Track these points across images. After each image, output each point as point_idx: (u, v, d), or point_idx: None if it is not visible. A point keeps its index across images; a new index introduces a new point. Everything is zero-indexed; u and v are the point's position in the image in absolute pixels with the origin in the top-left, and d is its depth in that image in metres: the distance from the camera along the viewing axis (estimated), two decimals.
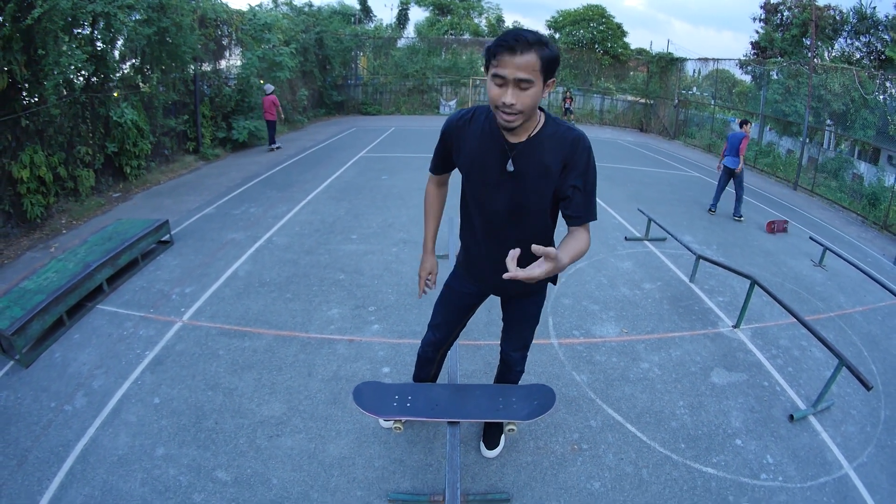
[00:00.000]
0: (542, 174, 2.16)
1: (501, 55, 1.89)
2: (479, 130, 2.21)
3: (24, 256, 6.45)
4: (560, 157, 2.13)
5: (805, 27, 17.19)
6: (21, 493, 3.03)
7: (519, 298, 2.65)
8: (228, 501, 3.01)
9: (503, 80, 1.92)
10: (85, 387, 3.98)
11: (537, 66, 1.89)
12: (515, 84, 1.91)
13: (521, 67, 1.88)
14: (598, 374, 4.39)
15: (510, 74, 1.90)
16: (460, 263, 2.72)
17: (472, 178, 2.31)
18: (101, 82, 8.77)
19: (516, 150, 2.15)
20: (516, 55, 1.87)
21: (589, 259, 6.78)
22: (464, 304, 2.81)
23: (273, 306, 5.26)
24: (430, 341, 2.97)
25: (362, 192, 8.98)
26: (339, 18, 22.34)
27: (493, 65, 1.93)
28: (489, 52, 1.94)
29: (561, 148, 2.13)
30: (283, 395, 3.95)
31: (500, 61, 1.90)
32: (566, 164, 2.14)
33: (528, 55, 1.87)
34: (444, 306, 2.85)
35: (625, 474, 3.37)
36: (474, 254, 2.54)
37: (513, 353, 2.89)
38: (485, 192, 2.28)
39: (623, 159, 14.95)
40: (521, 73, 1.88)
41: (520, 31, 1.88)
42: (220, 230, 7.28)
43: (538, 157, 2.15)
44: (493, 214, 2.31)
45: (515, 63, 1.88)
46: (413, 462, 3.35)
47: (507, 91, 1.93)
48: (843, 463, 3.61)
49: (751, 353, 4.87)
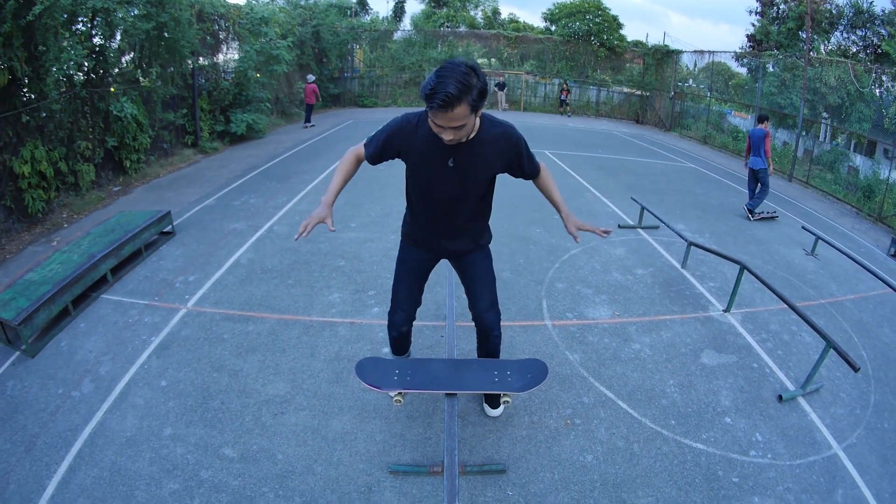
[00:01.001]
0: (481, 169, 2.62)
1: (435, 113, 2.20)
2: (426, 134, 2.50)
3: (25, 251, 6.52)
4: (503, 157, 2.63)
5: (801, 20, 17.26)
6: (29, 478, 3.11)
7: (471, 255, 3.06)
8: (235, 476, 3.14)
9: (441, 127, 2.27)
10: (92, 373, 4.07)
11: (467, 112, 2.22)
12: (452, 129, 2.26)
13: (454, 119, 2.21)
14: (591, 354, 4.53)
15: (446, 124, 2.24)
16: (408, 240, 3.11)
17: (421, 172, 2.67)
18: (100, 77, 8.81)
19: (457, 150, 2.50)
20: (448, 112, 2.17)
21: (582, 245, 6.92)
22: (421, 269, 3.16)
23: (275, 292, 5.37)
24: (401, 319, 3.21)
25: (360, 183, 9.05)
26: (335, 11, 22.27)
27: (430, 115, 2.25)
28: (428, 107, 2.22)
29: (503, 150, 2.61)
30: (287, 376, 4.07)
31: (435, 115, 2.21)
32: (511, 156, 2.64)
33: (459, 108, 2.17)
34: (403, 281, 3.16)
35: (616, 448, 3.50)
36: (425, 229, 2.95)
37: (486, 313, 3.11)
38: (432, 183, 2.67)
39: (618, 150, 15.06)
40: (456, 122, 2.23)
41: (446, 89, 2.12)
42: (221, 220, 7.38)
43: (477, 156, 2.55)
44: (440, 199, 2.72)
45: (448, 117, 2.20)
46: (413, 436, 3.49)
47: (445, 132, 2.29)
48: (832, 443, 3.71)
49: (741, 336, 5.00)
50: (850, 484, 3.38)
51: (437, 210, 2.80)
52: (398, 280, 3.18)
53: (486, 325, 3.14)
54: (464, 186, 2.66)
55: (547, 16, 26.36)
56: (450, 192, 2.67)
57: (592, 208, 8.73)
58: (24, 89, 7.07)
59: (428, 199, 2.76)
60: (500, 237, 3.03)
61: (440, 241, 2.97)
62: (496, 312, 3.16)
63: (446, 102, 2.13)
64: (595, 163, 12.63)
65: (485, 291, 3.10)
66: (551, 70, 24.78)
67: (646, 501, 3.11)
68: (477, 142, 2.52)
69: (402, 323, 3.22)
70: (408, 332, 3.35)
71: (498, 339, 3.24)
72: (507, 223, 7.43)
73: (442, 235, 2.93)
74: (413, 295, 3.20)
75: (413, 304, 3.22)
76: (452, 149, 2.49)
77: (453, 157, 2.53)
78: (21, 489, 3.04)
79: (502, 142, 2.59)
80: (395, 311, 3.20)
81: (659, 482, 3.26)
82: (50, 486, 3.07)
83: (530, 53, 25.41)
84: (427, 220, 2.90)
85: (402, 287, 3.17)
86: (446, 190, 2.66)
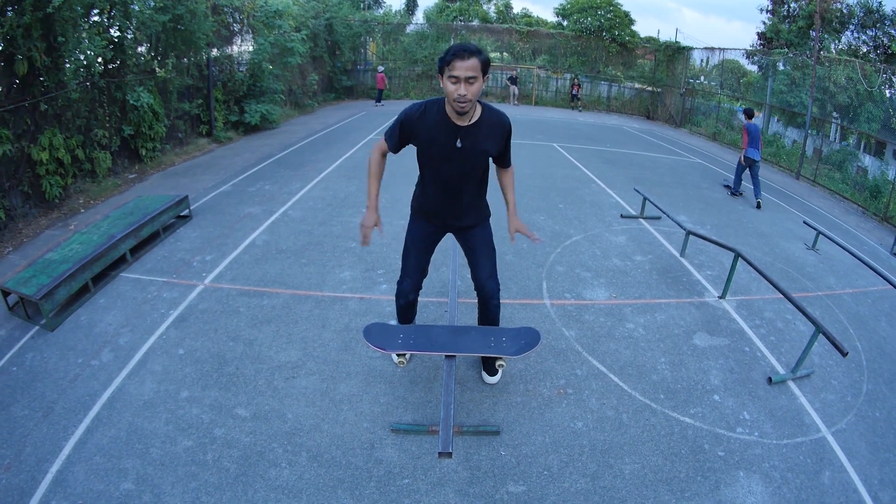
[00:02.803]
0: (482, 150, 3.03)
1: (454, 62, 2.67)
2: (433, 120, 2.95)
3: (42, 234, 6.72)
4: (499, 136, 3.05)
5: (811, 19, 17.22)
6: (46, 440, 3.30)
7: (472, 228, 3.41)
8: (247, 434, 3.38)
9: (457, 78, 2.69)
10: (111, 343, 4.29)
11: (479, 67, 2.70)
12: (466, 80, 2.69)
13: (469, 68, 2.67)
14: (586, 331, 4.73)
15: (462, 74, 2.67)
16: (418, 213, 3.46)
17: (430, 153, 3.07)
18: (118, 68, 9.02)
19: (463, 131, 2.94)
20: (465, 60, 2.66)
21: (584, 233, 7.11)
22: (428, 240, 3.50)
23: (289, 270, 5.61)
24: (410, 287, 3.55)
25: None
26: (348, 4, 22.45)
27: (448, 69, 2.70)
28: (443, 62, 2.73)
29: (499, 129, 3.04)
30: (299, 344, 4.32)
31: (453, 66, 2.68)
32: (504, 139, 3.08)
33: (472, 60, 2.67)
34: (412, 251, 3.51)
35: (606, 417, 3.70)
36: (433, 204, 3.31)
37: (487, 281, 3.43)
38: (440, 163, 3.07)
39: (627, 144, 15.16)
40: (470, 72, 2.68)
41: (463, 45, 2.70)
42: (236, 205, 7.61)
43: (479, 137, 2.98)
44: (447, 178, 3.13)
45: (465, 66, 2.67)
46: (414, 398, 3.73)
47: (460, 86, 2.70)
48: (820, 426, 3.82)
49: (734, 321, 5.14)
50: (838, 467, 3.47)
51: (444, 185, 3.18)
52: (407, 250, 3.52)
53: (487, 293, 3.43)
54: (468, 165, 3.06)
55: (559, 11, 26.44)
56: (456, 169, 3.07)
57: (597, 199, 8.86)
58: (42, 78, 7.23)
59: (436, 176, 3.15)
60: (505, 222, 3.27)
61: (446, 214, 3.34)
62: (496, 281, 3.46)
63: (465, 51, 2.67)
64: (603, 156, 12.76)
65: (485, 261, 3.42)
66: (563, 65, 24.86)
67: (632, 468, 3.30)
68: (480, 124, 2.96)
69: (409, 290, 3.51)
70: (414, 301, 3.63)
71: (497, 308, 3.50)
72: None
73: (448, 209, 3.30)
74: (421, 265, 3.52)
75: (420, 274, 3.53)
76: (459, 130, 2.91)
77: (460, 138, 2.94)
78: (37, 450, 3.22)
79: (499, 125, 3.03)
80: (404, 279, 3.51)
81: (646, 451, 3.44)
82: (67, 446, 3.25)
83: (542, 48, 25.48)
84: (435, 194, 3.25)
85: (410, 256, 3.50)
86: (454, 167, 3.06)
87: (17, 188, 6.98)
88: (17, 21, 6.52)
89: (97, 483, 3.01)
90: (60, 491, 2.96)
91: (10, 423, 3.45)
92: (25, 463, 3.14)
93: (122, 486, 2.99)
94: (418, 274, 3.52)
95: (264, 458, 3.20)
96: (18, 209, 6.98)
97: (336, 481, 3.07)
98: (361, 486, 3.04)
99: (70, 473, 3.07)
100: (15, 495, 2.93)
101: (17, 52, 6.68)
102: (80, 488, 2.98)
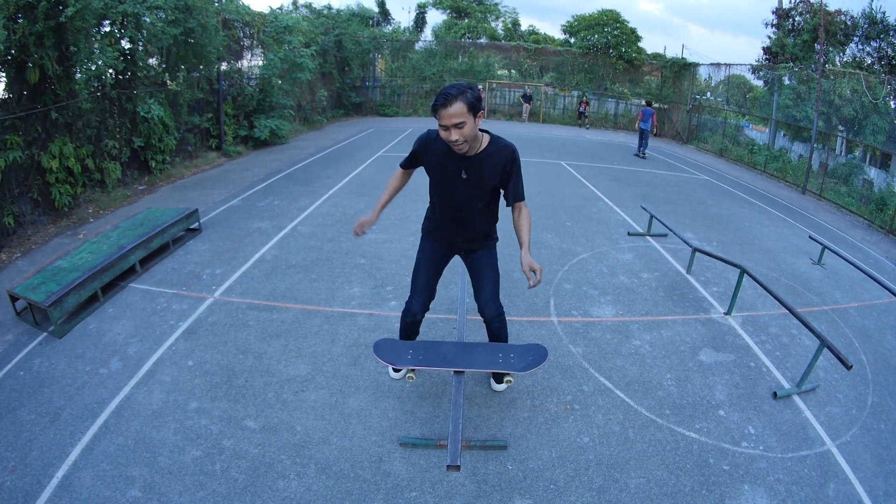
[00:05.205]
0: (486, 180, 3.08)
1: (439, 111, 2.74)
2: (442, 148, 3.02)
3: (51, 242, 6.79)
4: (500, 168, 3.06)
5: (816, 32, 17.29)
6: (52, 446, 3.33)
7: (477, 252, 3.47)
8: (256, 445, 3.41)
9: (446, 127, 2.76)
10: (120, 353, 4.34)
11: (464, 110, 2.72)
12: (454, 126, 2.74)
13: (454, 115, 2.71)
14: (593, 348, 4.75)
15: (448, 122, 2.74)
16: (429, 233, 3.55)
17: (438, 180, 3.20)
18: (129, 79, 9.15)
19: (468, 163, 3.03)
20: (448, 108, 2.70)
21: (592, 251, 7.14)
22: (437, 260, 3.57)
23: (299, 285, 5.67)
24: (418, 307, 3.55)
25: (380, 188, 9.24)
26: (357, 21, 22.77)
27: (437, 119, 2.77)
28: (432, 110, 2.78)
29: (501, 161, 3.05)
30: (309, 358, 4.36)
31: (440, 115, 2.75)
32: (505, 169, 3.07)
33: (456, 105, 2.70)
34: (422, 269, 3.55)
35: (612, 432, 3.72)
36: (442, 226, 3.41)
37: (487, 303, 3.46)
38: (447, 190, 3.18)
39: (633, 162, 15.22)
40: (455, 119, 2.72)
41: (446, 90, 2.73)
42: (246, 220, 7.69)
43: (483, 168, 3.04)
44: (454, 203, 3.22)
45: (449, 113, 2.71)
46: (423, 413, 3.76)
47: (450, 132, 2.77)
48: (825, 440, 3.82)
49: (740, 337, 5.16)
50: (843, 479, 3.46)
51: (451, 211, 3.27)
52: (417, 268, 3.57)
53: (487, 316, 3.48)
54: (473, 194, 3.14)
55: (566, 28, 26.60)
56: (461, 198, 3.16)
57: (604, 216, 8.90)
58: (54, 87, 7.30)
59: (444, 202, 3.26)
60: (514, 241, 3.31)
61: (454, 237, 3.41)
62: (497, 305, 3.48)
63: (446, 99, 2.70)
64: (610, 174, 12.81)
65: (487, 285, 3.45)
66: (570, 82, 25.03)
67: (637, 482, 3.31)
68: (485, 156, 3.03)
69: (417, 311, 3.53)
70: (419, 322, 3.66)
71: (500, 329, 3.53)
72: None
73: (455, 232, 3.38)
74: (430, 284, 3.56)
75: (429, 293, 3.56)
76: (465, 162, 3.01)
77: (465, 170, 3.03)
78: (43, 455, 3.25)
79: (503, 154, 3.06)
80: (413, 298, 3.54)
81: (651, 465, 3.45)
82: (73, 452, 3.28)
83: (550, 65, 25.72)
84: (443, 218, 3.35)
85: (420, 275, 3.54)
86: (459, 195, 3.15)
87: (26, 195, 7.07)
88: (30, 28, 6.63)
89: (104, 489, 3.04)
90: (66, 496, 2.99)
91: (17, 427, 3.49)
92: (31, 467, 3.17)
93: (129, 494, 3.02)
94: (426, 293, 3.55)
95: (273, 469, 3.23)
96: (27, 216, 7.06)
97: (344, 493, 3.09)
98: (369, 499, 3.06)
99: (76, 479, 3.11)
100: (19, 498, 2.96)
101: (29, 59, 6.79)
102: (87, 493, 3.01)
